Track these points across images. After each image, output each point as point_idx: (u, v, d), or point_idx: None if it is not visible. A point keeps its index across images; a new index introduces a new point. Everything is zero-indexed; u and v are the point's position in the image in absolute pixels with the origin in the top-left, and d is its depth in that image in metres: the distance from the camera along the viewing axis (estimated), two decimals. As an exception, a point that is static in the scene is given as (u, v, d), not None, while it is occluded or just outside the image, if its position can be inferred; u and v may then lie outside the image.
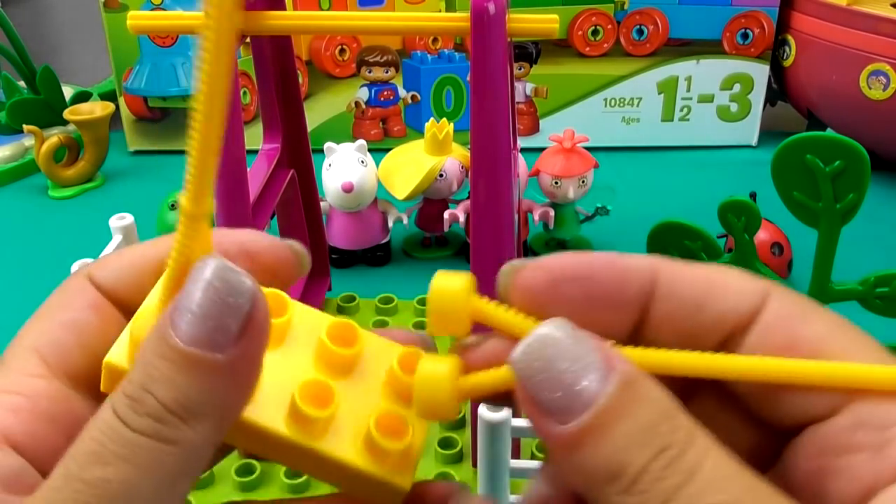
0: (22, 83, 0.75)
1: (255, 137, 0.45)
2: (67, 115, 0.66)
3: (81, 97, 0.74)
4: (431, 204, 0.55)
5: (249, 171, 0.41)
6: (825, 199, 0.31)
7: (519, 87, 0.71)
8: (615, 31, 0.70)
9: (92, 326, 0.19)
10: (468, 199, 0.38)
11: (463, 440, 0.39)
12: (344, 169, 0.51)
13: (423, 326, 0.47)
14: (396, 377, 0.19)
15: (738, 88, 0.72)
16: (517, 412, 0.17)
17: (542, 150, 0.55)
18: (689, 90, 0.72)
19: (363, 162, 0.51)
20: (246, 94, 0.73)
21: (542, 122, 0.73)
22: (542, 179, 0.54)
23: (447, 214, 0.53)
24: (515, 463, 0.30)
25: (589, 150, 0.54)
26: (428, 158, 0.53)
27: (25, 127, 0.64)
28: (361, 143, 0.52)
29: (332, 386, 0.18)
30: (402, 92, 0.72)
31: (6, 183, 0.69)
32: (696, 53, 0.71)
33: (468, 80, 0.37)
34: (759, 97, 0.72)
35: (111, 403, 0.15)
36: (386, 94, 0.71)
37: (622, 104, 0.73)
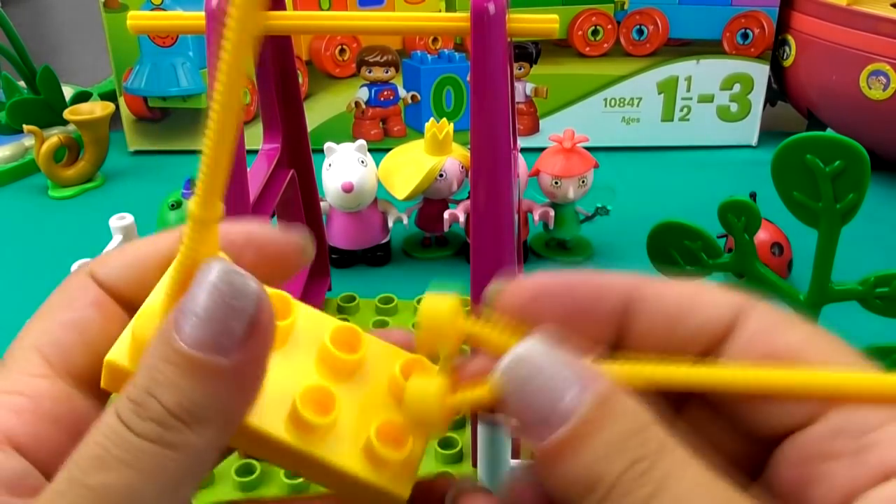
0: (22, 83, 0.75)
1: (255, 137, 0.45)
2: (67, 115, 0.66)
3: (81, 97, 0.74)
4: (431, 204, 0.55)
5: (249, 171, 0.41)
6: (825, 199, 0.31)
7: (519, 87, 0.71)
8: (615, 31, 0.70)
9: (94, 325, 0.19)
10: (468, 199, 0.38)
11: (463, 440, 0.39)
12: (344, 169, 0.51)
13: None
14: (398, 385, 0.19)
15: (738, 88, 0.72)
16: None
17: (542, 150, 0.55)
18: (689, 90, 0.72)
19: (363, 162, 0.51)
20: (246, 94, 0.73)
21: (542, 122, 0.73)
22: (542, 179, 0.54)
23: (447, 214, 0.53)
24: (515, 463, 0.30)
25: (589, 150, 0.54)
26: (428, 158, 0.53)
27: (25, 127, 0.64)
28: (361, 143, 0.52)
29: (333, 392, 0.19)
30: (402, 92, 0.72)
31: (6, 183, 0.69)
32: (696, 53, 0.71)
33: (468, 80, 0.37)
34: (759, 97, 0.72)
35: (115, 408, 0.15)
36: (386, 94, 0.71)
37: (622, 104, 0.73)
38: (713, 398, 0.18)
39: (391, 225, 0.55)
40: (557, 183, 0.53)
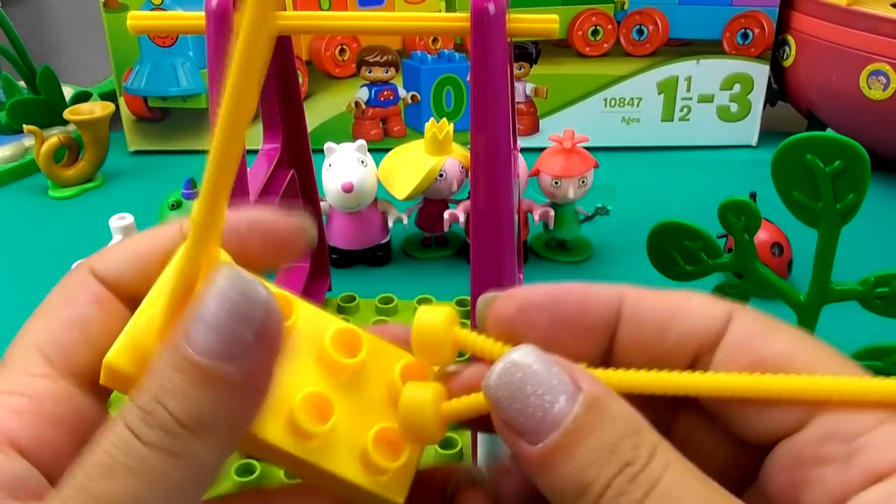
0: (22, 83, 0.75)
1: (255, 137, 0.45)
2: (67, 115, 0.66)
3: (81, 97, 0.74)
4: (431, 204, 0.55)
5: (249, 171, 0.41)
6: (825, 199, 0.31)
7: (519, 87, 0.71)
8: (615, 31, 0.70)
9: (95, 322, 0.18)
10: (468, 199, 0.38)
11: (463, 440, 0.39)
12: (344, 169, 0.51)
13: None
14: (397, 389, 0.19)
15: (738, 88, 0.72)
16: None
17: (542, 150, 0.55)
18: (689, 90, 0.72)
19: (363, 162, 0.51)
20: (246, 94, 0.73)
21: (542, 122, 0.73)
22: (542, 179, 0.54)
23: (447, 214, 0.53)
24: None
25: (589, 150, 0.54)
26: (428, 158, 0.53)
27: (25, 127, 0.64)
28: (361, 143, 0.52)
29: (332, 399, 0.19)
30: (402, 92, 0.72)
31: (6, 183, 0.69)
32: (696, 53, 0.71)
33: (468, 80, 0.37)
34: (759, 97, 0.72)
35: (123, 414, 0.15)
36: (386, 94, 0.71)
37: (622, 104, 0.73)
38: (704, 406, 0.18)
39: (391, 225, 0.55)
40: (557, 183, 0.53)
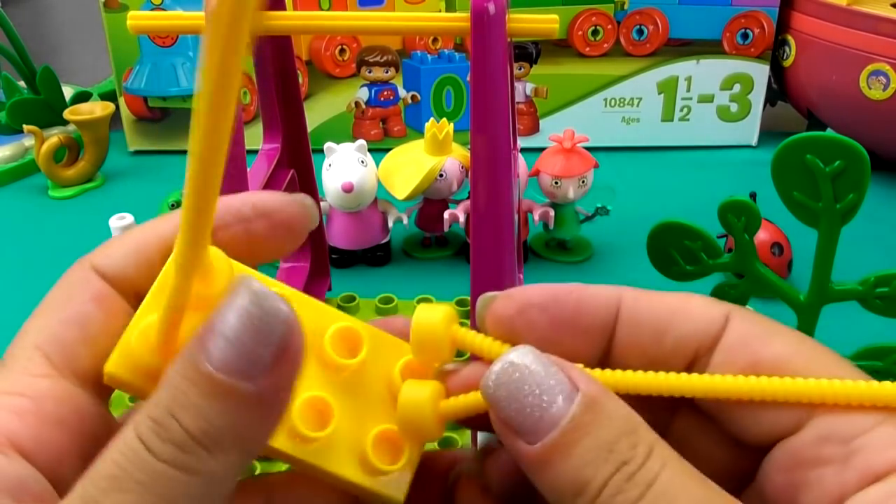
0: (22, 83, 0.75)
1: (255, 137, 0.45)
2: (67, 115, 0.66)
3: (81, 97, 0.74)
4: (431, 204, 0.55)
5: (249, 171, 0.41)
6: (825, 199, 0.31)
7: (519, 87, 0.71)
8: (615, 31, 0.70)
9: (96, 320, 0.18)
10: (468, 199, 0.38)
11: (463, 440, 0.39)
12: (344, 169, 0.51)
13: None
14: (397, 387, 0.19)
15: (738, 88, 0.72)
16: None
17: (542, 150, 0.55)
18: (689, 90, 0.72)
19: (363, 162, 0.51)
20: (246, 94, 0.73)
21: (542, 122, 0.73)
22: (542, 179, 0.54)
23: (447, 214, 0.53)
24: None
25: (589, 150, 0.54)
26: (428, 158, 0.53)
27: (25, 127, 0.64)
28: (361, 143, 0.52)
29: (332, 400, 0.19)
30: (402, 92, 0.72)
31: (6, 183, 0.69)
32: (696, 53, 0.71)
33: (468, 80, 0.37)
34: (759, 97, 0.72)
35: (135, 426, 0.15)
36: (386, 94, 0.71)
37: (622, 104, 0.73)
38: (701, 408, 0.18)
39: (391, 225, 0.55)
40: (557, 183, 0.53)
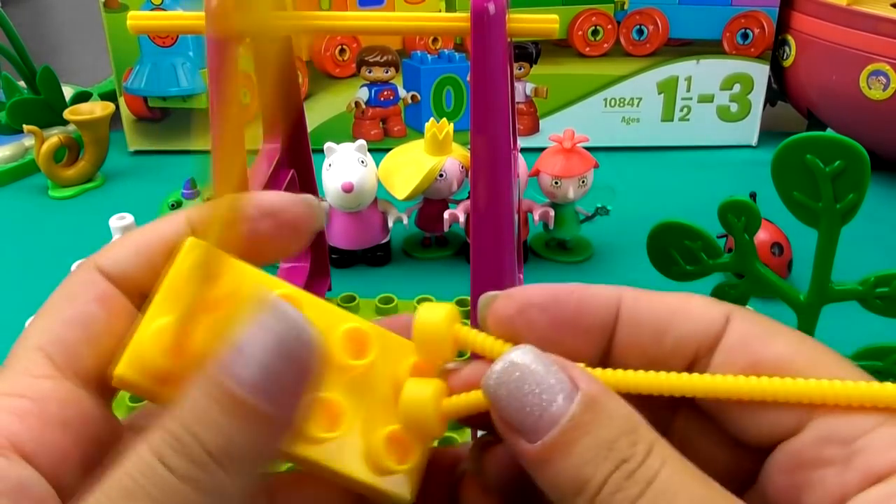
0: (22, 83, 0.75)
1: (254, 137, 0.45)
2: (67, 115, 0.66)
3: (81, 97, 0.74)
4: (431, 204, 0.55)
5: (249, 171, 0.41)
6: (825, 199, 0.31)
7: (519, 87, 0.71)
8: (615, 31, 0.70)
9: (99, 320, 0.18)
10: (468, 199, 0.38)
11: (463, 440, 0.39)
12: (344, 169, 0.51)
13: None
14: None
15: (738, 88, 0.72)
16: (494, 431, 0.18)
17: (542, 150, 0.55)
18: (689, 90, 0.72)
19: (363, 162, 0.51)
20: (246, 94, 0.73)
21: (542, 122, 0.73)
22: (542, 179, 0.54)
23: (447, 214, 0.53)
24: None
25: (589, 150, 0.54)
26: (428, 158, 0.53)
27: (25, 127, 0.64)
28: (361, 143, 0.52)
29: (341, 401, 0.19)
30: (402, 92, 0.72)
31: (6, 183, 0.69)
32: (696, 53, 0.71)
33: (468, 80, 0.37)
34: (759, 97, 0.72)
35: (150, 440, 0.15)
36: (386, 94, 0.71)
37: (622, 104, 0.73)
38: (702, 409, 0.18)
39: (391, 225, 0.55)
40: (557, 183, 0.53)
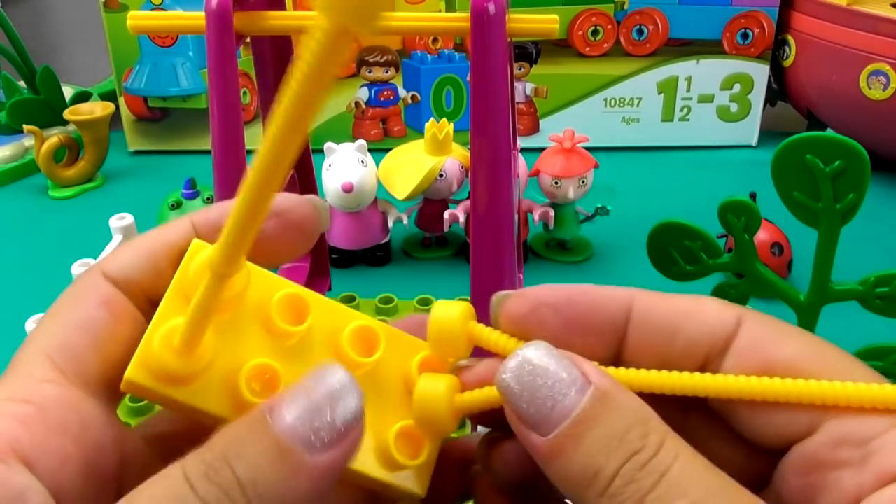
0: (22, 83, 0.75)
1: (254, 137, 0.45)
2: (67, 115, 0.66)
3: (81, 97, 0.74)
4: (431, 204, 0.55)
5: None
6: (825, 199, 0.31)
7: (519, 87, 0.71)
8: (615, 31, 0.70)
9: (104, 325, 0.18)
10: (468, 199, 0.38)
11: (463, 440, 0.39)
12: (344, 169, 0.51)
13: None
14: (414, 383, 0.20)
15: (738, 88, 0.72)
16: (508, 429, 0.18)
17: (542, 150, 0.55)
18: (689, 90, 0.72)
19: (363, 162, 0.51)
20: (246, 94, 0.73)
21: (542, 122, 0.73)
22: (542, 179, 0.54)
23: (447, 214, 0.53)
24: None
25: (589, 150, 0.54)
26: (428, 158, 0.53)
27: (25, 127, 0.64)
28: (361, 143, 0.52)
29: None
30: (402, 92, 0.72)
31: (6, 183, 0.69)
32: (696, 53, 0.71)
33: (468, 80, 0.37)
34: (759, 97, 0.72)
35: (183, 464, 0.15)
36: (386, 94, 0.71)
37: (622, 104, 0.73)
38: (714, 410, 0.18)
39: (391, 225, 0.55)
40: (557, 183, 0.53)
